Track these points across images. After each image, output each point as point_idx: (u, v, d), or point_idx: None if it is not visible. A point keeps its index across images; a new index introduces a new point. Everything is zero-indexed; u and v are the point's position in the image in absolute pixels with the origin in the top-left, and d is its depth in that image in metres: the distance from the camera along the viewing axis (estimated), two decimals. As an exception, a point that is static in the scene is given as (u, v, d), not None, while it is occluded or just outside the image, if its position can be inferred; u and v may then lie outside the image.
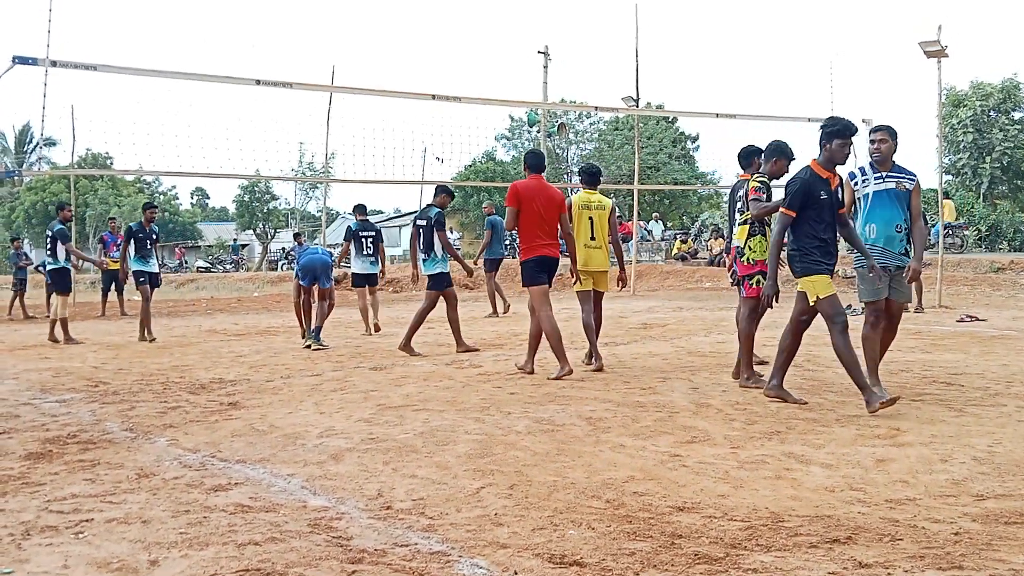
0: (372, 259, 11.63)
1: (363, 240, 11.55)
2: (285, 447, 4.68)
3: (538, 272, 7.24)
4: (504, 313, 13.79)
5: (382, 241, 11.95)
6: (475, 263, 13.75)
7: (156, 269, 11.77)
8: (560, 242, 7.44)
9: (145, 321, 10.94)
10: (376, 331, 11.33)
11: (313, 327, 9.82)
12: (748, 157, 6.88)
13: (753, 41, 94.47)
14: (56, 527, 3.34)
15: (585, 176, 8.01)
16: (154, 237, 11.68)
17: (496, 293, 13.88)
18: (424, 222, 9.20)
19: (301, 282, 10.11)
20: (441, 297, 9.02)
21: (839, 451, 4.40)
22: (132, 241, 11.36)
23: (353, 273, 11.87)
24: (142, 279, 11.32)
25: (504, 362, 8.06)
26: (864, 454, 4.33)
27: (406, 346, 8.82)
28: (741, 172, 6.92)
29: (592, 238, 7.69)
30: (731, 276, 6.96)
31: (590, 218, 7.69)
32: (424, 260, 9.12)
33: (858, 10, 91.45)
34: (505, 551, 3.02)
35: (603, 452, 4.45)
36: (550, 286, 7.36)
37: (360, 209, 12.06)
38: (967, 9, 78.99)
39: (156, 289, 11.75)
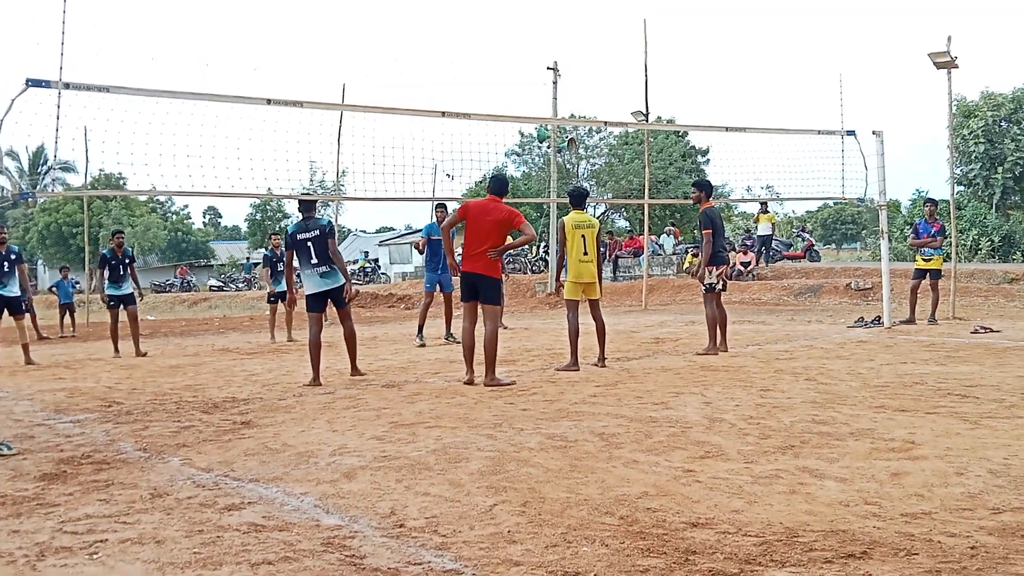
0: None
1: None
2: (298, 465, 4.69)
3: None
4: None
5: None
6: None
7: (128, 291, 12.11)
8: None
9: (130, 337, 11.97)
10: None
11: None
12: None
13: (763, 54, 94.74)
14: (70, 548, 3.36)
15: (574, 199, 8.80)
16: (127, 261, 12.12)
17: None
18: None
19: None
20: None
21: (853, 465, 4.38)
22: (106, 268, 11.97)
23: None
24: (112, 303, 12.09)
25: (517, 378, 8.05)
26: (879, 468, 4.31)
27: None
28: None
29: (584, 253, 8.51)
30: None
31: (583, 236, 8.50)
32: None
33: (868, 23, 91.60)
34: (518, 568, 3.02)
35: (616, 468, 4.44)
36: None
37: None
38: (977, 20, 78.95)
39: (131, 308, 12.15)
